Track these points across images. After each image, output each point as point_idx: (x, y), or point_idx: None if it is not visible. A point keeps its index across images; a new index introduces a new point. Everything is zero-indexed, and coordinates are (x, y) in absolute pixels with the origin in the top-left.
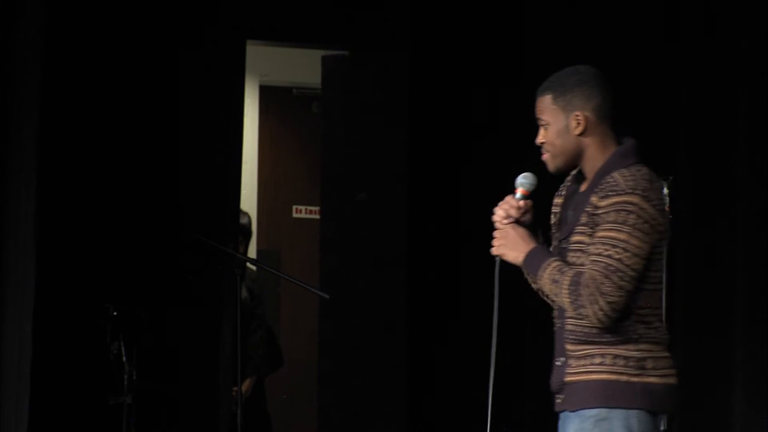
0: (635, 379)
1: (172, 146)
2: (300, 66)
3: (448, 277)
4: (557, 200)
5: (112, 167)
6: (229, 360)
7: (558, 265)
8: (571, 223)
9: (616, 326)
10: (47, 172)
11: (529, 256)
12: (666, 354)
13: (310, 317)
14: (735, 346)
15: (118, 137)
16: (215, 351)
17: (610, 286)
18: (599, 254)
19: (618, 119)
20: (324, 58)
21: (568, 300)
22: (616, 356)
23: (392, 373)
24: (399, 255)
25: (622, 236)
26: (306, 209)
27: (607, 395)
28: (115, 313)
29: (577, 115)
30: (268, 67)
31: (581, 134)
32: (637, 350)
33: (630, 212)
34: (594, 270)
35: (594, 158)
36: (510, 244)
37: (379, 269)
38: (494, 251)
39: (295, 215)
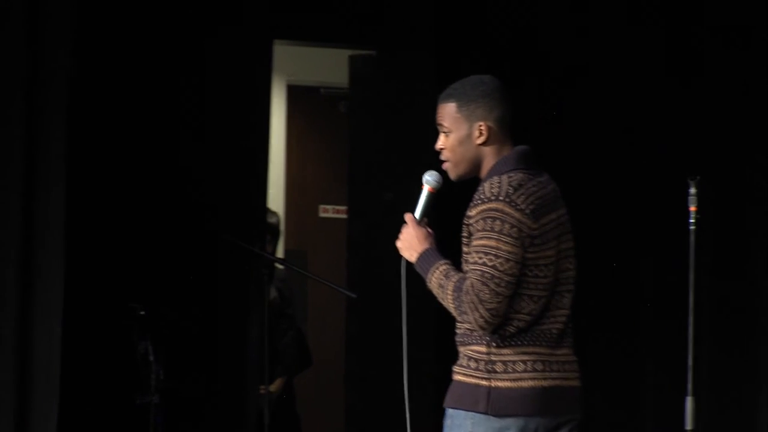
0: (482, 383)
1: (199, 145)
2: (327, 65)
3: None
4: None
5: (139, 167)
6: (256, 359)
7: (445, 269)
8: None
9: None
10: (76, 171)
11: (422, 257)
12: (532, 358)
13: (338, 316)
14: (760, 346)
15: (146, 137)
16: (243, 351)
17: (488, 293)
18: (475, 262)
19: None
20: (351, 58)
21: (453, 306)
22: (470, 358)
23: (419, 372)
24: None
25: (491, 243)
26: (333, 209)
27: (464, 398)
28: (142, 313)
29: (480, 126)
30: (296, 66)
31: (482, 144)
32: (491, 353)
33: (495, 219)
34: (473, 278)
35: (489, 168)
36: (407, 243)
37: (407, 268)
38: (397, 245)
39: (322, 215)
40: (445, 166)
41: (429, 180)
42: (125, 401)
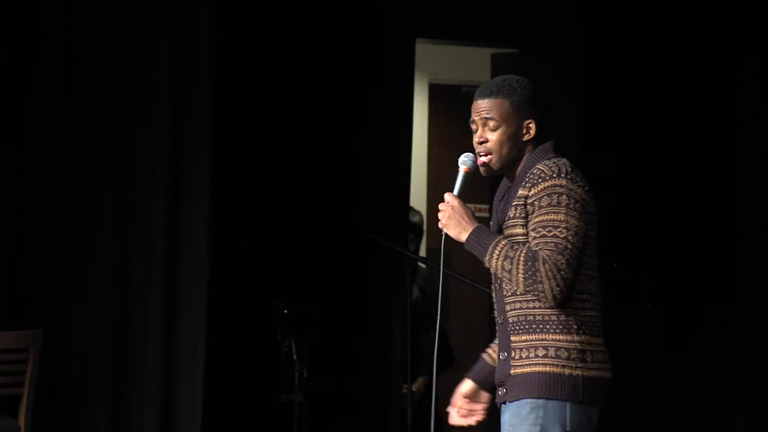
0: (576, 372)
1: (343, 145)
2: (469, 64)
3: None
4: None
5: (284, 167)
6: (399, 358)
7: (508, 242)
8: (500, 219)
9: (558, 315)
10: (220, 170)
11: (475, 233)
12: (603, 347)
13: (480, 315)
14: None
15: (291, 138)
16: (386, 349)
17: (564, 263)
18: (544, 236)
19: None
20: (493, 56)
21: (523, 276)
22: (557, 348)
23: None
24: None
25: (560, 216)
26: (475, 207)
27: (547, 387)
28: (285, 312)
29: (529, 122)
30: (438, 65)
31: (528, 140)
32: (578, 342)
33: (561, 194)
34: (546, 249)
35: (526, 161)
36: (455, 220)
37: None
38: (439, 224)
39: None
40: (487, 158)
41: (466, 161)
42: (269, 399)
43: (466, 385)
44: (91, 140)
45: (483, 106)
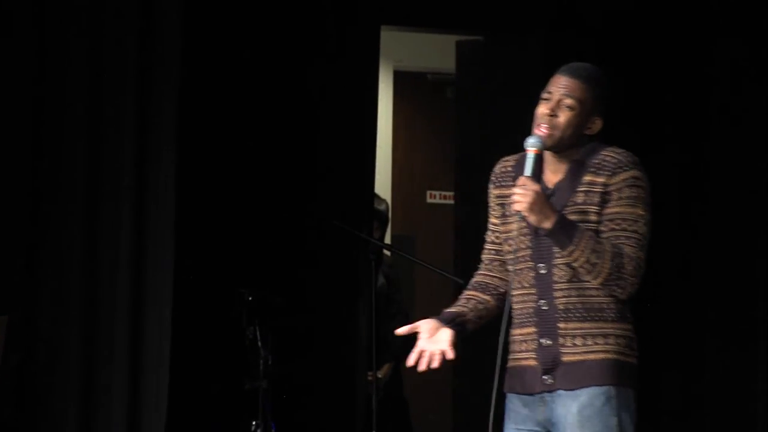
0: (632, 360)
1: (307, 132)
2: (434, 51)
3: None
4: (500, 191)
5: (248, 154)
6: (364, 345)
7: (593, 234)
8: (558, 204)
9: (615, 303)
10: (186, 160)
11: (560, 221)
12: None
13: (445, 302)
14: None
15: (254, 124)
16: (351, 336)
17: (644, 260)
18: (624, 230)
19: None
20: (458, 43)
21: (608, 271)
22: (617, 336)
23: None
24: None
25: (640, 211)
26: (440, 194)
27: (614, 374)
28: (250, 299)
29: (597, 120)
30: (403, 52)
31: (588, 135)
32: (629, 330)
33: (640, 187)
34: (631, 245)
35: (575, 151)
36: (539, 206)
37: None
38: (518, 208)
39: (429, 200)
40: (546, 131)
41: (535, 143)
42: (234, 387)
43: (427, 325)
44: (59, 133)
45: (569, 84)
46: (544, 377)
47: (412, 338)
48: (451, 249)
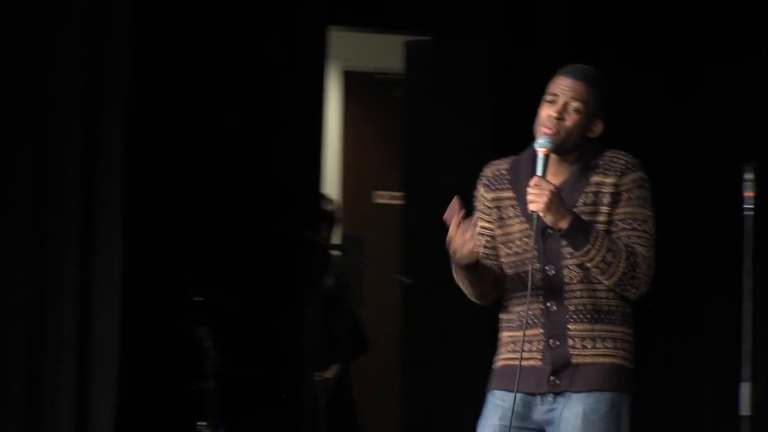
0: (632, 366)
1: (255, 133)
2: (383, 51)
3: None
4: (495, 194)
5: (196, 155)
6: (313, 345)
7: (606, 235)
8: (567, 205)
9: (622, 306)
10: (135, 160)
11: (577, 222)
12: None
13: (393, 302)
14: None
15: (203, 125)
16: (299, 337)
17: (654, 260)
18: (635, 230)
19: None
20: (407, 44)
21: (623, 271)
22: (623, 341)
23: (476, 357)
24: None
25: (648, 212)
26: (388, 195)
27: (620, 381)
28: (199, 299)
29: (599, 123)
30: (351, 52)
31: (590, 138)
32: (632, 336)
33: (646, 188)
34: (643, 245)
35: (576, 154)
36: (555, 206)
37: None
38: (534, 208)
39: (377, 201)
40: (553, 134)
41: (544, 144)
42: (182, 387)
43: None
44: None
45: (575, 87)
46: (551, 378)
47: (360, 338)
48: (398, 249)
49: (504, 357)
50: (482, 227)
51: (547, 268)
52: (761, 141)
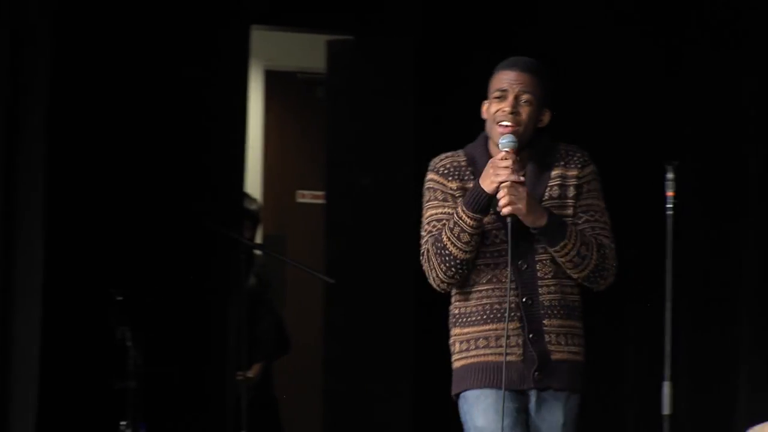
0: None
1: (178, 132)
2: (305, 50)
3: None
4: (461, 184)
5: (118, 154)
6: (235, 345)
7: (579, 229)
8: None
9: (581, 301)
10: (56, 160)
11: (553, 218)
12: None
13: (316, 302)
14: (741, 336)
15: (124, 125)
16: (221, 336)
17: (615, 252)
18: (597, 221)
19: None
20: (329, 43)
21: (595, 263)
22: (582, 337)
23: (398, 357)
24: (404, 239)
25: (602, 204)
26: (311, 194)
27: (582, 381)
28: (120, 298)
29: (547, 112)
30: (273, 51)
31: (540, 128)
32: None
33: (599, 181)
34: (604, 237)
35: (546, 143)
36: (532, 206)
37: (385, 253)
38: (511, 210)
39: (299, 200)
40: (514, 129)
41: (507, 143)
42: (104, 387)
43: None
44: None
45: (522, 79)
46: (536, 374)
47: (282, 338)
48: (321, 248)
49: (476, 354)
50: (446, 213)
51: (519, 262)
52: (683, 140)
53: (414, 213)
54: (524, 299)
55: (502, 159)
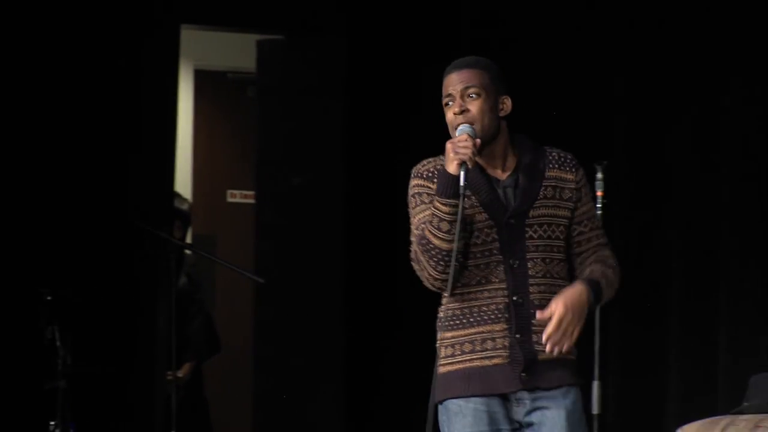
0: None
1: (107, 131)
2: (235, 50)
3: (384, 260)
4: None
5: (46, 152)
6: (165, 344)
7: (600, 271)
8: (526, 198)
9: None
10: None
11: (591, 293)
12: None
13: (246, 302)
14: (670, 332)
15: (53, 122)
16: (151, 336)
17: None
18: (596, 228)
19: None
20: (259, 42)
21: (617, 285)
22: None
23: (329, 357)
24: (335, 239)
25: (594, 205)
26: (241, 194)
27: (578, 375)
28: (49, 298)
29: (505, 99)
30: (203, 51)
31: (503, 117)
32: None
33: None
34: (606, 246)
35: (505, 141)
36: (579, 311)
37: (315, 253)
38: (574, 321)
39: (229, 200)
40: (473, 127)
41: (464, 129)
42: (33, 387)
43: None
44: None
45: (463, 77)
46: (522, 374)
47: (212, 337)
48: (251, 248)
49: (463, 359)
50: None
51: (511, 261)
52: (611, 140)
53: (343, 211)
54: (514, 298)
55: (460, 140)
